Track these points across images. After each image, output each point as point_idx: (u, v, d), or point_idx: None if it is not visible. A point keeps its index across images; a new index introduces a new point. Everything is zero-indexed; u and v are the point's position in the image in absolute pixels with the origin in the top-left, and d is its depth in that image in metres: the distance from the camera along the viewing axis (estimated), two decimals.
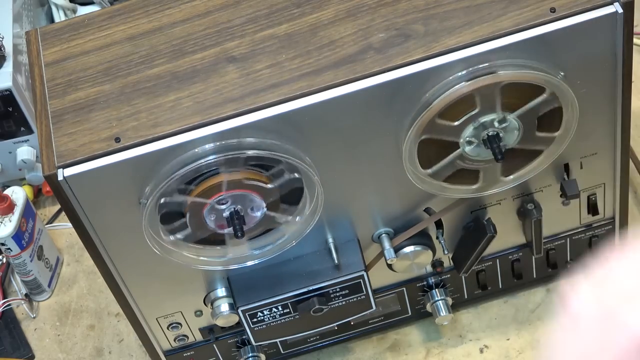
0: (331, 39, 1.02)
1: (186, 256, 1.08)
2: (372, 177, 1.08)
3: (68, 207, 1.01)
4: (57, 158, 0.99)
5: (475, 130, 1.03)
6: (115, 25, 1.09)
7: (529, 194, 1.16)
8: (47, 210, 1.52)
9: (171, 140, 0.99)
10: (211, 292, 1.16)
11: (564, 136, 1.07)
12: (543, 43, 1.00)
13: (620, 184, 1.18)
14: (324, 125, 1.01)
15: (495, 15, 1.00)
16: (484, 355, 1.25)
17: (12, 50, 1.40)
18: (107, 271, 1.09)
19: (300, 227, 1.08)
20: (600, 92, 1.07)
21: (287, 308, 1.14)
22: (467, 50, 0.99)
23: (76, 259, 1.46)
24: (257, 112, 0.99)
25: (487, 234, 1.14)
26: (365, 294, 1.15)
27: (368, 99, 1.00)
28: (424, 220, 1.14)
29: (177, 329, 1.20)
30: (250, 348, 1.24)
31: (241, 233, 1.02)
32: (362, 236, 1.15)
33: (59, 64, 1.07)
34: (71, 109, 1.03)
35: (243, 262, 1.10)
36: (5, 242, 1.33)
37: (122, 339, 1.36)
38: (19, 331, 1.38)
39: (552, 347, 0.69)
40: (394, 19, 1.02)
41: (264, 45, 1.04)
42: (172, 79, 1.03)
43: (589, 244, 1.26)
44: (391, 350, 1.28)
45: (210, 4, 1.08)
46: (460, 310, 1.29)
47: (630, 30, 1.01)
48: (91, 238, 1.05)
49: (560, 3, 1.00)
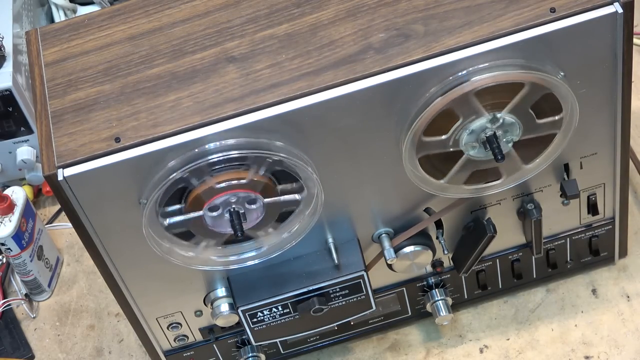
0: (331, 39, 1.02)
1: (185, 256, 1.08)
2: (372, 177, 1.08)
3: (68, 207, 1.01)
4: (57, 158, 0.99)
5: (471, 135, 1.03)
6: (115, 25, 1.09)
7: (529, 194, 1.16)
8: (47, 210, 1.52)
9: (171, 140, 0.99)
10: (211, 292, 1.16)
11: (570, 117, 1.06)
12: (543, 43, 1.00)
13: (620, 184, 1.18)
14: (324, 125, 1.01)
15: (495, 15, 1.00)
16: (484, 355, 1.25)
17: (12, 50, 1.40)
18: (107, 271, 1.09)
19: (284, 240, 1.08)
20: (600, 92, 1.07)
21: (287, 308, 1.14)
22: (467, 50, 0.99)
23: (76, 259, 1.46)
24: (257, 112, 0.99)
25: (487, 234, 1.14)
26: (365, 294, 1.15)
27: (368, 99, 1.00)
28: (424, 220, 1.14)
29: (177, 329, 1.20)
30: (250, 348, 1.24)
31: (241, 232, 1.02)
32: (362, 236, 1.15)
33: (59, 64, 1.07)
34: (71, 109, 1.03)
35: (243, 262, 1.11)
36: (5, 242, 1.33)
37: (122, 339, 1.36)
38: (19, 331, 1.38)
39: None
40: (394, 19, 1.02)
41: (264, 45, 1.04)
42: (172, 79, 1.03)
43: (589, 244, 1.26)
44: (391, 350, 1.28)
45: (210, 4, 1.08)
46: (460, 310, 1.29)
47: (630, 30, 1.01)
48: (91, 238, 1.05)
49: (560, 3, 1.00)
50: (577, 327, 1.26)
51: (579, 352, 1.23)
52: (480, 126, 1.03)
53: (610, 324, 1.25)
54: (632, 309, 1.26)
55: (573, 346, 1.24)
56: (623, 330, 1.24)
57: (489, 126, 1.03)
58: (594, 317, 1.26)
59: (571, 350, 1.24)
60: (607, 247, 1.27)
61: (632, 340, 1.23)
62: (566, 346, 1.24)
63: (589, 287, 1.29)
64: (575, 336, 1.25)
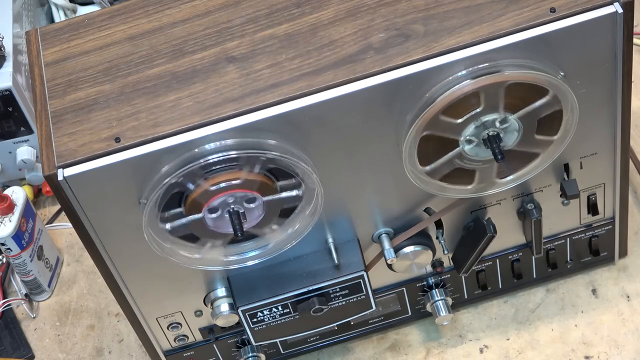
0: (331, 39, 1.02)
1: (186, 256, 1.08)
2: (372, 177, 1.08)
3: (68, 207, 1.01)
4: (57, 158, 0.99)
5: (477, 129, 1.03)
6: (115, 25, 1.09)
7: (529, 194, 1.16)
8: (47, 210, 1.52)
9: (171, 140, 0.99)
10: (211, 292, 1.16)
11: (562, 140, 1.07)
12: (543, 43, 1.00)
13: (620, 184, 1.18)
14: (324, 125, 1.01)
15: (495, 15, 1.00)
16: (484, 355, 1.25)
17: (12, 50, 1.40)
18: (107, 271, 1.09)
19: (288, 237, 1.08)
20: (600, 92, 1.07)
21: (287, 308, 1.14)
22: (467, 50, 0.99)
23: (76, 259, 1.46)
24: (257, 112, 0.99)
25: (487, 234, 1.14)
26: (365, 294, 1.15)
27: (368, 99, 1.00)
28: (424, 220, 1.14)
29: (177, 329, 1.20)
30: (250, 348, 1.24)
31: (241, 232, 1.02)
32: (362, 236, 1.15)
33: (59, 64, 1.07)
34: (71, 109, 1.03)
35: (243, 262, 1.11)
36: (5, 242, 1.33)
37: (122, 339, 1.36)
38: (19, 331, 1.39)
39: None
40: (394, 19, 1.02)
41: (264, 45, 1.04)
42: (172, 79, 1.03)
43: (589, 244, 1.26)
44: (391, 350, 1.28)
45: (210, 4, 1.08)
46: (460, 310, 1.29)
47: (630, 30, 1.01)
48: (91, 238, 1.05)
49: (560, 3, 1.00)
50: (577, 327, 1.26)
51: (579, 352, 1.23)
52: (491, 121, 1.03)
53: (610, 324, 1.25)
54: (632, 309, 1.26)
55: (573, 346, 1.24)
56: (623, 330, 1.24)
57: (497, 125, 1.03)
58: (594, 317, 1.26)
59: (571, 350, 1.24)
60: (607, 247, 1.27)
61: (632, 340, 1.23)
62: (566, 346, 1.24)
63: (589, 287, 1.29)
64: (575, 336, 1.25)
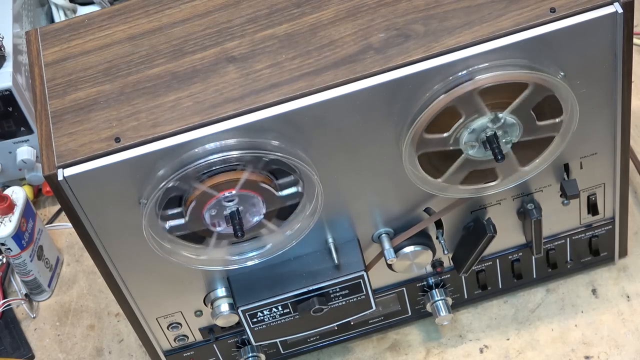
0: (331, 39, 1.02)
1: (186, 256, 1.08)
2: (372, 177, 1.08)
3: (68, 207, 1.01)
4: (57, 158, 0.99)
5: (472, 134, 1.03)
6: (115, 25, 1.09)
7: (529, 194, 1.16)
8: (47, 210, 1.52)
9: (171, 140, 0.99)
10: (211, 292, 1.16)
11: (570, 118, 1.06)
12: (543, 43, 1.00)
13: (620, 184, 1.18)
14: (324, 125, 1.01)
15: (495, 15, 1.00)
16: (484, 355, 1.25)
17: (12, 50, 1.40)
18: (107, 271, 1.09)
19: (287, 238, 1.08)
20: (600, 92, 1.07)
21: (287, 308, 1.14)
22: (467, 50, 0.99)
23: (76, 259, 1.46)
24: (257, 112, 0.99)
25: (487, 234, 1.14)
26: (365, 294, 1.15)
27: (368, 99, 1.00)
28: (424, 220, 1.14)
29: (177, 329, 1.20)
30: (250, 348, 1.24)
31: (241, 233, 1.02)
32: (362, 236, 1.15)
33: (59, 64, 1.07)
34: (71, 109, 1.03)
35: (243, 262, 1.11)
36: (5, 242, 1.33)
37: (122, 339, 1.36)
38: (19, 331, 1.38)
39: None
40: (394, 19, 1.02)
41: (264, 45, 1.04)
42: (172, 79, 1.03)
43: (589, 244, 1.26)
44: (391, 350, 1.28)
45: (210, 4, 1.08)
46: (460, 310, 1.29)
47: (630, 30, 1.01)
48: (91, 238, 1.05)
49: (560, 3, 1.00)
50: (577, 327, 1.26)
51: (579, 352, 1.23)
52: (482, 125, 1.03)
53: (610, 324, 1.25)
54: (632, 309, 1.26)
55: (573, 346, 1.24)
56: (623, 330, 1.24)
57: (490, 126, 1.03)
58: (594, 317, 1.26)
59: (571, 350, 1.24)
60: (607, 247, 1.27)
61: (632, 340, 1.23)
62: (566, 346, 1.24)
63: (589, 287, 1.29)
64: (575, 336, 1.25)
